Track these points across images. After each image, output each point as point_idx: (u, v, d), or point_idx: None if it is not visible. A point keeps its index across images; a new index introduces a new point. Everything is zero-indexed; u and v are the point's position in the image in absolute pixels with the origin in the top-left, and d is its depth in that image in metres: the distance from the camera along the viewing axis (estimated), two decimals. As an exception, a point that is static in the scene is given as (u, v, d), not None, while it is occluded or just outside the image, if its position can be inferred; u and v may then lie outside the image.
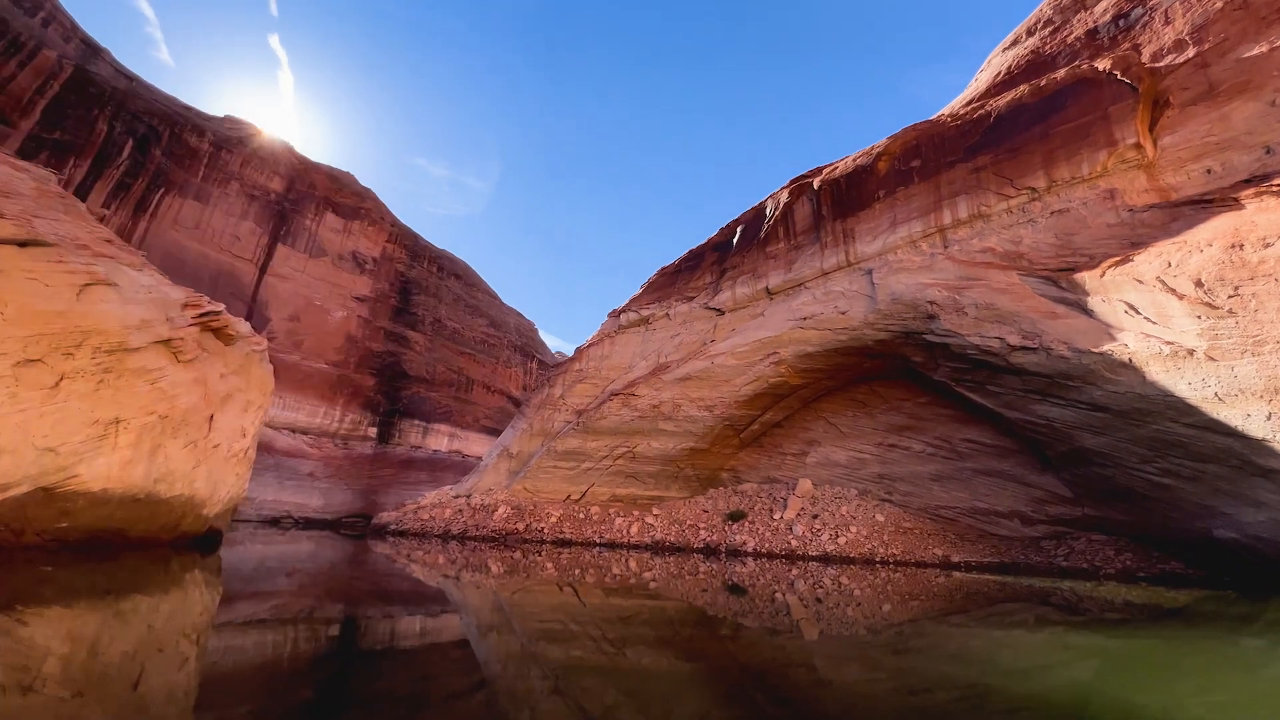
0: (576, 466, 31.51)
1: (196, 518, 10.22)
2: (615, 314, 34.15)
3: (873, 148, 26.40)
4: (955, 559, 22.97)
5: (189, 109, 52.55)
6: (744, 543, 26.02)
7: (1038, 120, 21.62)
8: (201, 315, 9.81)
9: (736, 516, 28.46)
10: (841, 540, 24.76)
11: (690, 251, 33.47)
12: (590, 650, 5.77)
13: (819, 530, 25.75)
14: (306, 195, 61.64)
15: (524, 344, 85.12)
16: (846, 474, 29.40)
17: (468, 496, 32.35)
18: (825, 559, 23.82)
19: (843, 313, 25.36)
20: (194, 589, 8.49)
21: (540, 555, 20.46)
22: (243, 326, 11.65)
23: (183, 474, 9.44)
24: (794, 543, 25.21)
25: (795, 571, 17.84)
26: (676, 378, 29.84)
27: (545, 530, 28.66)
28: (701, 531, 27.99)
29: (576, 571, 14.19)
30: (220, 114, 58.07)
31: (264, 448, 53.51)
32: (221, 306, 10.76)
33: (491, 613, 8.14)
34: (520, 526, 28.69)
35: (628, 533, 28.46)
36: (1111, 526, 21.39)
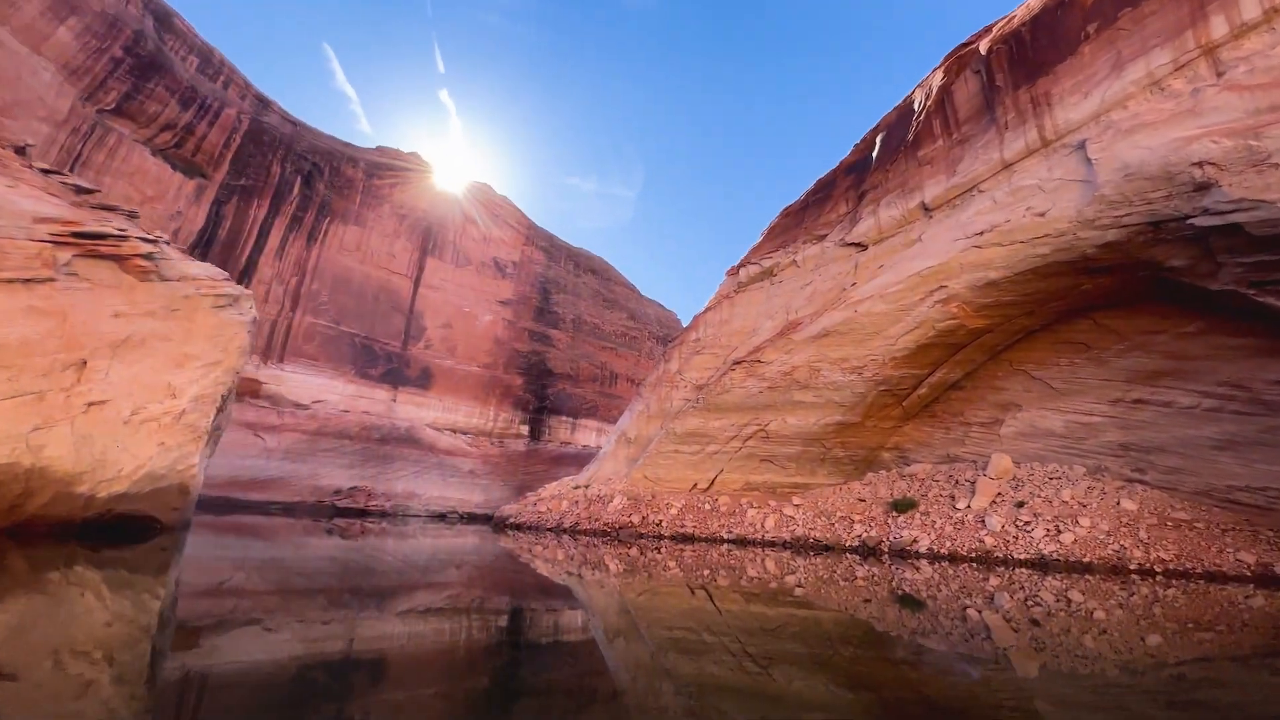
0: (700, 450, 27.08)
1: (60, 497, 7.98)
2: (733, 270, 29.11)
3: (1070, -29, 18.17)
4: (1281, 569, 14.32)
5: (345, 144, 58.16)
6: (915, 540, 19.51)
7: None
8: (76, 235, 7.71)
9: (904, 506, 21.84)
10: (1066, 538, 17.15)
11: (818, 181, 27.19)
12: (729, 667, 4.88)
13: (1028, 523, 18.30)
14: (449, 209, 65.29)
15: (666, 334, 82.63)
16: (1066, 446, 21.09)
17: (586, 487, 29.65)
18: (1040, 564, 16.57)
19: (1040, 214, 17.73)
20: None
21: (659, 552, 17.68)
22: (190, 267, 9.48)
23: (6, 434, 7.28)
24: (989, 540, 18.14)
25: (995, 580, 12.83)
26: (811, 336, 24.02)
27: (664, 524, 24.70)
28: (856, 525, 21.90)
29: (705, 572, 12.32)
30: (374, 148, 63.72)
31: (428, 447, 57.21)
32: (121, 230, 8.61)
33: (617, 616, 7.39)
34: (635, 519, 25.08)
35: (761, 527, 23.37)
36: None
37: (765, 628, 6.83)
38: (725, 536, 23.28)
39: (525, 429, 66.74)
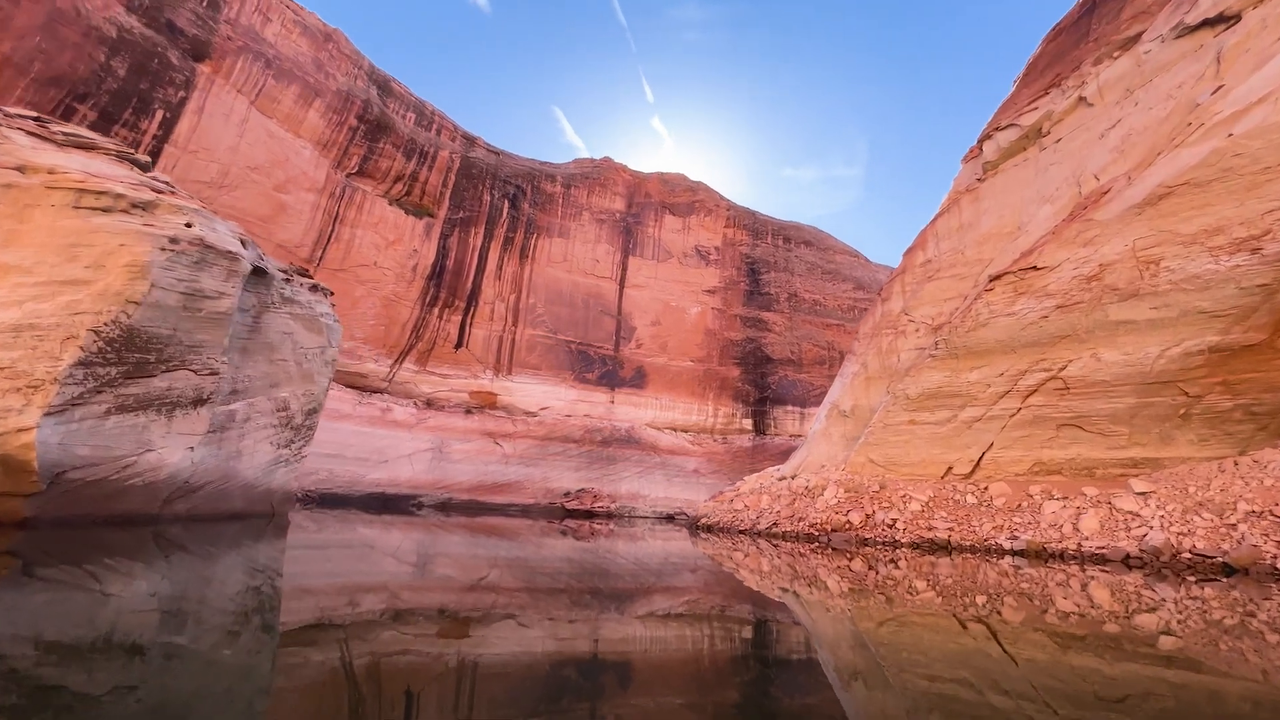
0: (950, 418, 18.44)
1: None
2: (973, 152, 19.65)
3: None
4: None
5: (541, 162, 61.07)
6: None
7: None
8: None
9: None
10: None
11: (1110, -41, 16.44)
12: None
13: None
14: (644, 205, 64.09)
15: (906, 300, 69.16)
16: None
17: (792, 478, 22.98)
18: None
19: None
20: None
21: (896, 565, 12.33)
22: (48, 157, 6.57)
23: None
24: None
25: None
26: (1132, 206, 14.10)
27: (899, 524, 16.89)
28: (1293, 528, 11.41)
29: (979, 599, 8.32)
30: (570, 161, 66.01)
31: (650, 447, 55.77)
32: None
33: (851, 650, 5.34)
34: (854, 519, 17.70)
35: (1072, 530, 14.13)
36: None
37: (1102, 696, 3.91)
38: (1005, 545, 14.64)
39: (748, 423, 61.37)
